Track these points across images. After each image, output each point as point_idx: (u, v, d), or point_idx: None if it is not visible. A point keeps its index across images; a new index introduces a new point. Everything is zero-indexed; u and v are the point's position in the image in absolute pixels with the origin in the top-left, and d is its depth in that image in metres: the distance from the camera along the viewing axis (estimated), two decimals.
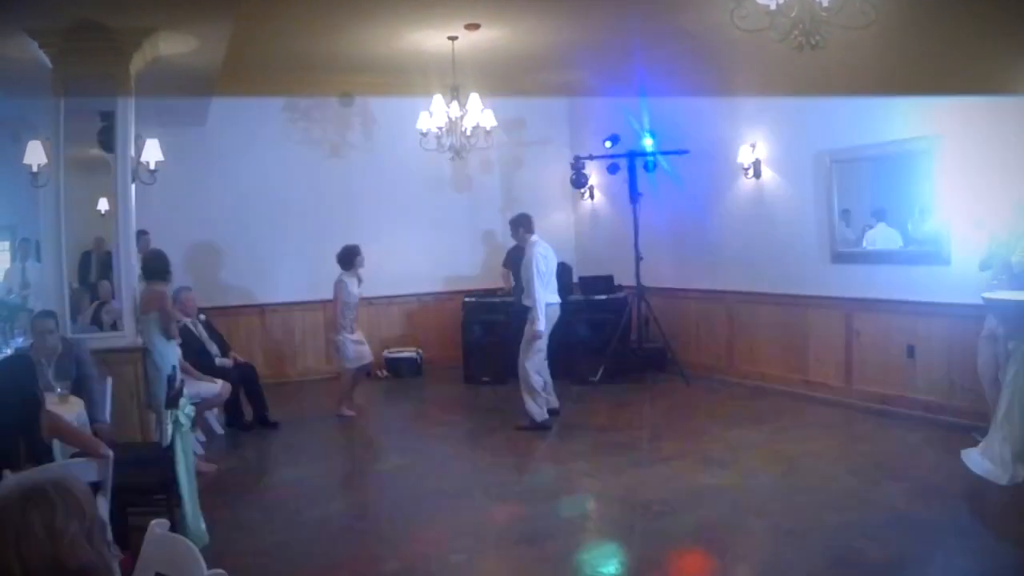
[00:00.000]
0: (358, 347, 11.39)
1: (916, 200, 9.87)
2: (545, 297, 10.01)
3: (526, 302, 10.12)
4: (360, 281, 11.55)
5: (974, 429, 8.21)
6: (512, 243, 12.03)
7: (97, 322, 9.56)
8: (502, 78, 14.10)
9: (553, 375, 10.53)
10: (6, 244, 14.25)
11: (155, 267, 8.66)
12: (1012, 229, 7.93)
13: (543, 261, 10.15)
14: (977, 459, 7.44)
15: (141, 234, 11.80)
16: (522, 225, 10.47)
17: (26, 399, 5.24)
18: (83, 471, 5.21)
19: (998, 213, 8.15)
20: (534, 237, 10.38)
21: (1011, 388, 7.23)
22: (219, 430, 10.44)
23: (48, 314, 7.53)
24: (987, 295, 7.77)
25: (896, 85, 9.73)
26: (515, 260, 11.83)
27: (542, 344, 10.09)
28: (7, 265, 13.78)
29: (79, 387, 7.17)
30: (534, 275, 9.96)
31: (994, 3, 8.63)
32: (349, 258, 11.43)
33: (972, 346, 8.51)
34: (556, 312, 10.28)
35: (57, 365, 7.21)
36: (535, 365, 10.06)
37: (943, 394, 9.42)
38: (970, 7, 8.87)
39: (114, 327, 9.01)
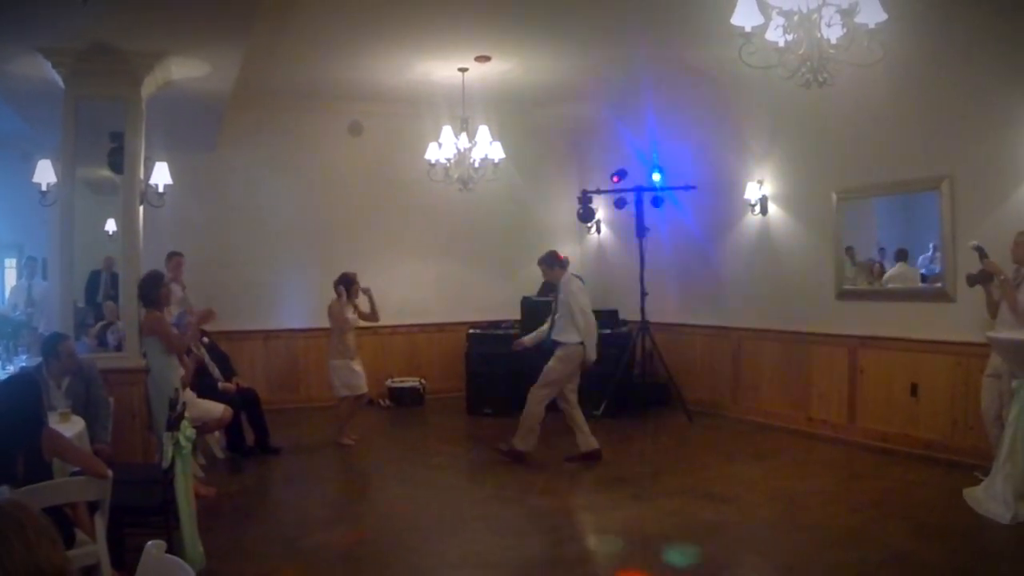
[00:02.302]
0: (350, 375, 11.29)
1: (921, 238, 9.90)
2: (572, 336, 9.80)
3: (561, 337, 9.81)
4: (355, 308, 11.44)
5: (977, 468, 8.17)
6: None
7: (103, 342, 9.58)
8: (512, 110, 14.19)
9: (555, 409, 10.47)
10: (13, 261, 14.29)
11: (143, 293, 8.61)
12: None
13: (582, 294, 10.01)
14: (980, 498, 7.42)
15: (172, 255, 11.86)
16: (558, 263, 10.17)
17: (27, 418, 5.25)
18: (82, 490, 5.21)
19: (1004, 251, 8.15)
20: (567, 273, 10.20)
21: (1014, 427, 7.20)
22: (220, 454, 10.42)
23: (67, 336, 7.58)
24: (991, 334, 7.76)
25: (903, 123, 9.77)
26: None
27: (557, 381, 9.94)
28: (13, 282, 13.82)
29: (87, 406, 7.19)
30: (579, 310, 9.77)
31: (1002, 41, 8.68)
32: (348, 284, 11.36)
33: (976, 385, 8.52)
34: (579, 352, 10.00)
35: (69, 384, 7.24)
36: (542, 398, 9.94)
37: (946, 433, 9.38)
38: (978, 45, 8.93)
39: (118, 348, 9.03)
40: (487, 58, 11.41)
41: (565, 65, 11.99)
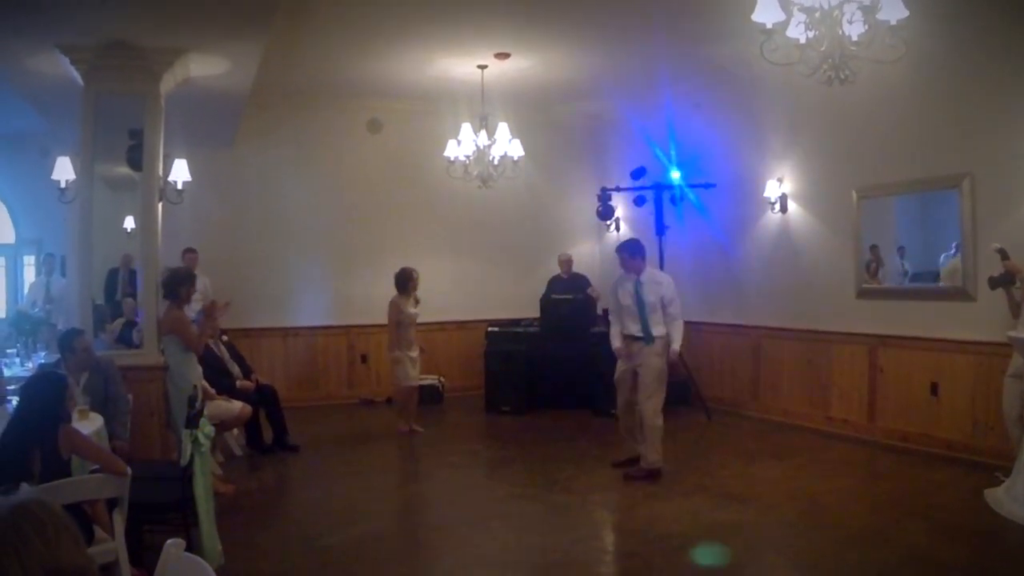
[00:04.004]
0: (410, 367, 11.68)
1: (943, 237, 9.84)
2: (661, 328, 9.25)
3: (656, 331, 9.17)
4: (417, 302, 11.83)
5: (998, 469, 8.12)
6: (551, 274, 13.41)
7: (125, 339, 9.59)
8: (531, 107, 14.18)
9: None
10: (32, 258, 14.34)
11: (170, 285, 8.61)
12: None
13: None
14: (1000, 499, 7.37)
15: (188, 251, 11.95)
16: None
17: (45, 415, 5.25)
18: (101, 487, 5.21)
19: None
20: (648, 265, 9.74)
21: None
22: (238, 452, 10.43)
23: (83, 332, 7.61)
24: (1012, 333, 7.71)
25: (925, 120, 9.72)
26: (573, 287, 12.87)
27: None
28: (32, 279, 13.87)
29: (106, 403, 7.21)
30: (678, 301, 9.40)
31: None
32: (404, 280, 11.74)
33: (997, 384, 8.46)
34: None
35: (88, 381, 7.27)
36: (660, 405, 9.22)
37: (966, 433, 9.33)
38: (1000, 42, 8.88)
39: (138, 346, 9.06)
40: (506, 55, 11.40)
41: (584, 62, 11.97)
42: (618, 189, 13.45)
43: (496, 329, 13.76)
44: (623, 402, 9.48)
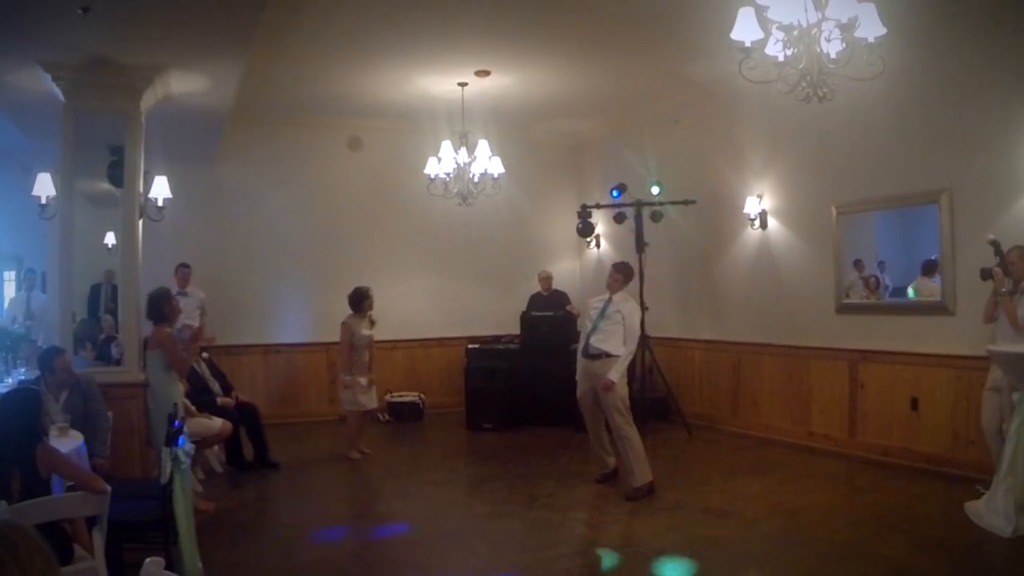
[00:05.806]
0: (359, 392, 11.26)
1: (923, 252, 9.87)
2: (619, 348, 9.18)
3: (609, 347, 9.16)
4: (372, 323, 11.54)
5: (978, 481, 8.15)
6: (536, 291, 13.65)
7: (104, 356, 9.56)
8: (511, 125, 14.21)
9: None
10: (12, 274, 14.30)
11: (151, 309, 8.61)
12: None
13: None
14: (981, 512, 7.39)
15: (181, 267, 11.97)
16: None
17: (21, 433, 5.21)
18: (80, 505, 5.19)
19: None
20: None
21: (1015, 440, 7.18)
22: (219, 469, 10.39)
23: (63, 351, 7.57)
24: (991, 347, 7.75)
25: (903, 136, 9.77)
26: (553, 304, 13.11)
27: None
28: (12, 295, 13.83)
29: (85, 421, 7.17)
30: (635, 332, 9.31)
31: (1001, 54, 8.69)
32: (358, 300, 11.44)
33: (976, 398, 8.52)
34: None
35: (67, 399, 7.23)
36: (625, 417, 9.25)
37: (946, 446, 9.37)
38: (977, 58, 8.95)
39: (118, 362, 9.02)
40: (487, 72, 11.43)
41: (565, 79, 12.00)
42: (598, 206, 13.45)
43: (477, 346, 13.77)
44: (586, 417, 9.69)
